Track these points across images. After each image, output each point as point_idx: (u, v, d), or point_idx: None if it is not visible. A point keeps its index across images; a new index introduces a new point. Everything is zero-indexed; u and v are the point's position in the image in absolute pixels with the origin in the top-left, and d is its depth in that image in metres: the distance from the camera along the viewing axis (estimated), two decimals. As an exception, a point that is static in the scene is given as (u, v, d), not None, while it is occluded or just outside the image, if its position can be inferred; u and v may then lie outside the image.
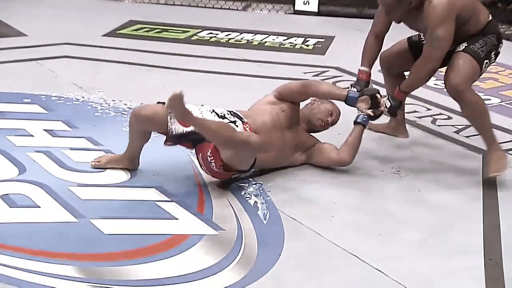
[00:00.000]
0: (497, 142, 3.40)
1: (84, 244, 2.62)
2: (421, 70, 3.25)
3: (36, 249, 2.56)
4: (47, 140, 3.56)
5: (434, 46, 3.16)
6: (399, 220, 2.96)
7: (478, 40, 3.30)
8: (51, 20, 6.14)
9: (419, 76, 3.28)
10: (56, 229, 2.72)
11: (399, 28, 3.43)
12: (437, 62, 3.23)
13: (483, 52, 3.30)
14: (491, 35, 3.34)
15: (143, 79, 4.74)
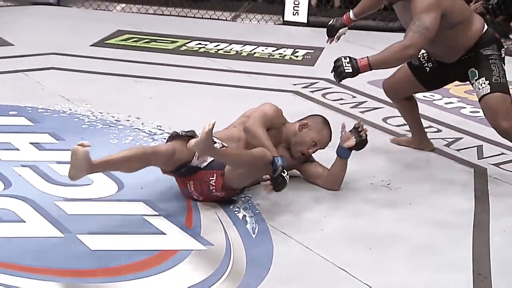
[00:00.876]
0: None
1: (71, 260, 2.60)
2: (398, 53, 3.16)
3: (22, 264, 2.54)
4: (33, 154, 3.55)
5: (420, 32, 3.13)
6: (389, 234, 2.96)
7: (490, 68, 3.33)
8: (38, 30, 6.13)
9: (393, 57, 3.20)
10: (42, 244, 2.70)
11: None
12: (418, 50, 3.22)
13: (505, 78, 3.35)
14: (491, 47, 3.37)
15: (131, 90, 4.73)
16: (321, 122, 3.33)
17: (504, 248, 2.90)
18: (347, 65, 3.17)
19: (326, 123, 3.34)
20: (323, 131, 3.30)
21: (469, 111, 4.60)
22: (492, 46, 3.39)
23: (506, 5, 7.07)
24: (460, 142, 4.03)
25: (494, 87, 3.33)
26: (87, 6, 7.25)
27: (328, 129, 3.32)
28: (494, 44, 3.41)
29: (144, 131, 3.96)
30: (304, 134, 3.27)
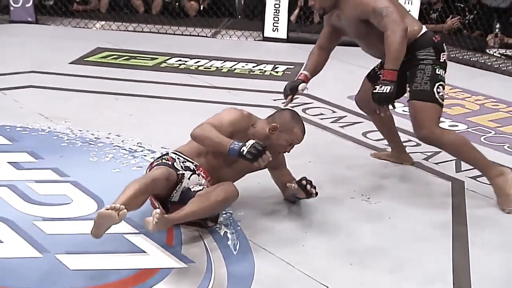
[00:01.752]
0: (494, 167, 3.42)
1: (49, 280, 2.58)
2: (395, 41, 3.13)
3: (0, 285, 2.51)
4: (11, 173, 3.52)
5: (387, 15, 3.14)
6: (370, 248, 2.97)
7: (415, 73, 3.31)
8: (17, 49, 6.11)
9: (396, 47, 3.13)
10: (20, 265, 2.68)
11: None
12: (402, 23, 3.16)
13: (428, 84, 3.30)
14: (426, 50, 3.34)
15: (111, 107, 4.72)
16: (290, 120, 3.17)
17: (483, 261, 2.92)
18: (382, 88, 3.16)
19: (295, 118, 3.20)
20: (294, 129, 3.16)
21: (447, 125, 4.64)
22: (427, 49, 3.35)
23: (481, 21, 7.17)
24: (438, 156, 4.06)
25: (412, 94, 3.34)
26: (66, 24, 7.23)
27: (299, 125, 3.18)
28: (430, 47, 3.36)
29: (125, 148, 3.95)
30: (276, 137, 3.14)
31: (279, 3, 6.95)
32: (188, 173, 3.02)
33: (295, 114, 3.22)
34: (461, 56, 6.64)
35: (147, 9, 7.70)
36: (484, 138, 4.43)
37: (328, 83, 5.42)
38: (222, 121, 3.06)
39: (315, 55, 3.57)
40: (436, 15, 7.45)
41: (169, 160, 3.04)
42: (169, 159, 3.05)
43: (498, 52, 6.77)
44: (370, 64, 3.77)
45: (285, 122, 3.16)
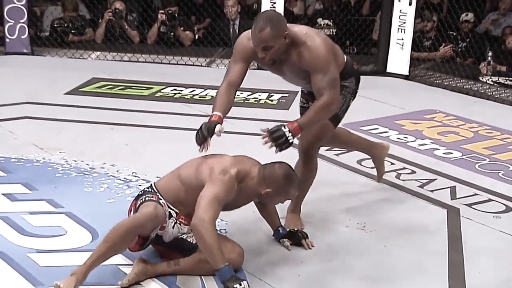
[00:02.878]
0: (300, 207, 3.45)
1: (43, 314, 2.56)
2: (324, 111, 3.05)
3: (-7, 320, 2.50)
4: (5, 205, 3.51)
5: (334, 87, 3.05)
6: (365, 278, 2.96)
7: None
8: (12, 80, 6.11)
9: (320, 116, 3.07)
10: (14, 298, 2.66)
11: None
12: (338, 104, 3.15)
13: (342, 111, 3.34)
14: (349, 80, 3.33)
15: (106, 137, 4.72)
16: (284, 183, 2.94)
17: (479, 285, 2.90)
18: (288, 134, 2.95)
19: (289, 178, 2.96)
20: (290, 192, 2.99)
21: (442, 153, 4.65)
22: (350, 79, 3.34)
23: (474, 49, 7.23)
24: (433, 183, 4.07)
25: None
26: (62, 55, 7.25)
27: (293, 185, 2.98)
28: (353, 77, 3.36)
29: (119, 178, 3.94)
30: (270, 199, 3.02)
31: (273, 32, 7.01)
32: (171, 221, 2.91)
33: (288, 173, 2.96)
34: (454, 83, 6.67)
35: (143, 39, 7.73)
36: (479, 166, 4.43)
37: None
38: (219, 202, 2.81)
39: (226, 94, 3.13)
40: (429, 43, 7.51)
41: (154, 197, 2.91)
42: (154, 197, 2.91)
43: (491, 80, 6.81)
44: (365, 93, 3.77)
45: (278, 185, 2.93)
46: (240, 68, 3.18)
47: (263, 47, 3.00)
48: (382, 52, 6.92)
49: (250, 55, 3.14)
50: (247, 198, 3.03)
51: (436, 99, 6.10)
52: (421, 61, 7.25)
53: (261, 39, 2.97)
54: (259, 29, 2.96)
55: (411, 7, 6.69)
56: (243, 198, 2.99)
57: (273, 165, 2.97)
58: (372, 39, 7.76)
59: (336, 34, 7.70)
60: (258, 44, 3.00)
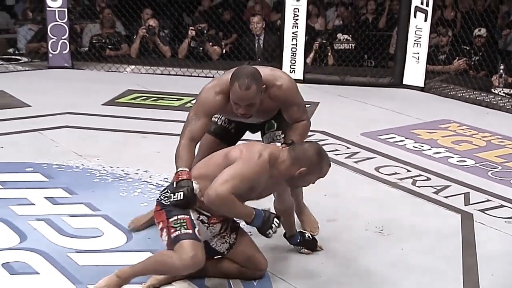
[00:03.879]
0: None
1: (81, 310, 2.58)
2: (306, 134, 3.09)
3: (35, 315, 2.52)
4: (47, 208, 3.54)
5: (306, 111, 3.09)
6: (383, 280, 2.93)
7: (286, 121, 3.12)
8: (54, 92, 6.18)
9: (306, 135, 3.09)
10: (55, 295, 2.68)
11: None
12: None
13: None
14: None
15: (140, 145, 4.74)
16: (318, 161, 2.76)
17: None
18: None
19: (321, 155, 2.79)
20: (323, 169, 2.81)
21: (456, 160, 4.60)
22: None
23: (486, 62, 7.16)
24: (448, 190, 4.02)
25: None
26: (99, 69, 7.32)
27: (326, 163, 2.80)
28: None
29: (152, 183, 3.96)
30: (304, 179, 2.78)
31: (295, 46, 6.99)
32: (204, 226, 2.76)
33: (320, 150, 2.81)
34: (467, 95, 6.61)
35: (174, 53, 7.78)
36: (491, 173, 4.38)
37: (342, 121, 5.42)
38: (242, 179, 2.64)
39: (189, 150, 2.87)
40: (444, 57, 7.46)
41: (187, 223, 2.68)
42: (189, 227, 2.67)
43: (502, 92, 6.73)
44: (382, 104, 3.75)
45: (312, 163, 2.75)
46: (203, 123, 2.89)
47: (248, 104, 2.81)
48: (399, 66, 6.88)
49: (217, 110, 2.95)
50: (275, 184, 2.82)
51: (450, 110, 6.04)
52: (436, 73, 7.20)
53: (248, 97, 2.78)
54: (245, 87, 2.76)
55: (426, 23, 6.65)
56: (271, 184, 2.79)
57: (303, 145, 2.82)
58: (389, 53, 7.73)
59: (355, 48, 7.68)
60: (243, 102, 2.80)
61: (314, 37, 7.71)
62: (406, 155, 4.62)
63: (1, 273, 2.84)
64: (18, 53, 7.83)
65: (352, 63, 7.42)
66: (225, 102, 2.89)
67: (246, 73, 2.83)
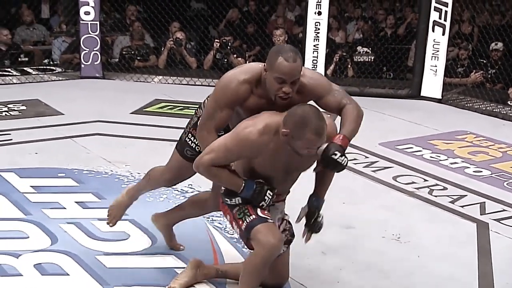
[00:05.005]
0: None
1: (108, 310, 2.59)
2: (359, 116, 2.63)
3: (64, 315, 2.53)
4: (77, 212, 3.57)
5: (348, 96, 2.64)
6: (399, 286, 2.89)
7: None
8: (85, 101, 6.23)
9: (359, 122, 2.64)
10: (83, 296, 2.70)
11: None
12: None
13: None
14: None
15: (166, 153, 4.70)
16: (300, 125, 2.35)
17: (508, 299, 2.82)
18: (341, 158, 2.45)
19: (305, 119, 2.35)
20: (306, 135, 2.35)
21: (472, 171, 4.54)
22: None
23: (503, 75, 7.08)
24: (464, 199, 3.98)
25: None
26: (129, 79, 7.37)
27: (310, 129, 2.34)
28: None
29: (177, 189, 3.96)
30: (291, 143, 2.40)
31: (316, 59, 6.98)
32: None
33: (305, 114, 2.37)
34: (484, 107, 6.53)
35: (199, 65, 7.81)
36: (507, 183, 4.32)
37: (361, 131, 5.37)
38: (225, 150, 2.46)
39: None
40: (462, 69, 7.39)
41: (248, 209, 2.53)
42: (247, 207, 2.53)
43: (519, 104, 6.65)
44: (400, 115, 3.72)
45: (294, 126, 2.37)
46: (226, 115, 2.58)
47: (294, 81, 2.46)
48: (417, 78, 6.82)
49: (240, 102, 2.57)
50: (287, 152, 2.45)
51: (467, 121, 5.97)
52: (453, 86, 7.12)
53: (296, 70, 2.45)
54: (293, 60, 2.43)
55: (444, 36, 6.60)
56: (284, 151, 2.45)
57: (298, 106, 2.44)
58: (407, 65, 7.67)
59: (374, 61, 7.64)
60: (291, 77, 2.45)
61: (335, 49, 7.69)
62: (423, 165, 4.57)
63: (33, 273, 2.87)
64: (52, 64, 7.90)
65: (371, 75, 7.38)
66: (249, 93, 2.55)
67: (289, 47, 2.50)
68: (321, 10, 6.82)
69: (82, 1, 7.08)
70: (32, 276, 2.85)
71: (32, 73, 7.37)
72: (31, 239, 3.21)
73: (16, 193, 3.76)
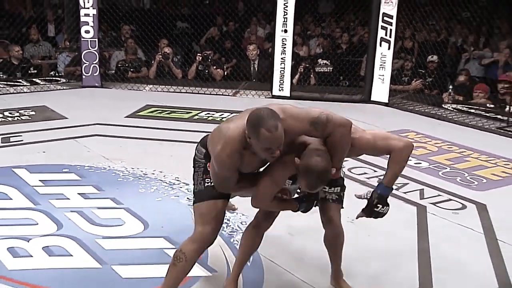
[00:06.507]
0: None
1: (106, 285, 2.58)
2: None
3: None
4: (80, 202, 3.54)
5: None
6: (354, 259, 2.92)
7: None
8: (86, 107, 6.17)
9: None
10: (85, 273, 2.68)
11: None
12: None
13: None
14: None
15: (156, 150, 4.73)
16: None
17: (441, 270, 2.87)
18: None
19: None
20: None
21: (413, 163, 4.58)
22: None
23: (438, 83, 7.20)
24: (406, 187, 4.02)
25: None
26: (123, 88, 7.30)
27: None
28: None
29: (166, 182, 3.95)
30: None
31: (284, 69, 7.00)
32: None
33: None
34: (423, 109, 6.62)
35: (184, 75, 7.77)
36: (441, 173, 4.39)
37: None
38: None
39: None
40: (406, 78, 7.49)
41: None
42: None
43: (451, 107, 6.75)
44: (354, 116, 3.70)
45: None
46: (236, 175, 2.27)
47: (280, 145, 2.13)
48: (368, 85, 6.88)
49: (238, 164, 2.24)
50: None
51: (409, 122, 6.04)
52: (398, 92, 7.21)
53: (280, 137, 2.11)
54: (275, 128, 2.08)
55: (390, 50, 6.67)
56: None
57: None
58: (360, 75, 7.74)
59: (333, 71, 7.69)
60: (278, 144, 2.12)
61: (299, 61, 7.72)
62: (373, 158, 4.58)
63: (42, 255, 2.84)
64: (58, 75, 7.81)
65: (330, 83, 7.43)
66: (240, 157, 2.21)
67: (266, 114, 2.10)
68: (287, 29, 6.84)
69: (83, 21, 7.01)
70: (41, 257, 2.83)
71: (40, 84, 7.27)
72: (40, 225, 3.18)
73: (27, 186, 3.72)
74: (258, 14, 9.15)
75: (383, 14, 6.60)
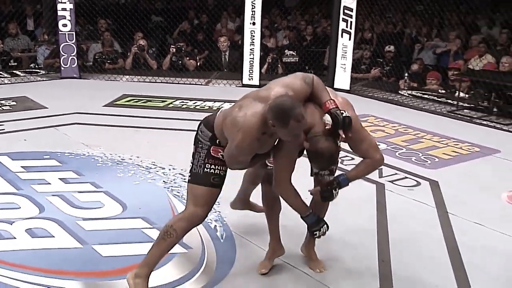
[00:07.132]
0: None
1: (88, 264, 2.55)
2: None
3: (51, 268, 2.49)
4: (61, 186, 3.48)
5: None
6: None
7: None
8: (65, 96, 6.04)
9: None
10: (66, 253, 2.65)
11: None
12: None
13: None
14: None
15: (133, 137, 4.68)
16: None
17: (398, 241, 2.93)
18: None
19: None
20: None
21: (372, 144, 4.66)
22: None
23: (395, 71, 7.29)
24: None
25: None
26: (101, 79, 7.17)
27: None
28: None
29: (142, 166, 3.91)
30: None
31: (253, 60, 6.98)
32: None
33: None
34: (381, 95, 6.70)
35: (159, 66, 7.68)
36: (398, 153, 4.46)
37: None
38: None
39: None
40: (366, 66, 7.55)
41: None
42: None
43: (407, 93, 6.85)
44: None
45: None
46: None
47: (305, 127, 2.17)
48: (331, 74, 6.93)
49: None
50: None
51: (369, 107, 6.11)
52: (358, 79, 7.28)
53: (306, 122, 2.15)
54: (302, 117, 2.08)
55: (350, 41, 6.71)
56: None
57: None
58: (323, 64, 7.78)
59: (298, 61, 7.71)
60: (303, 129, 2.17)
61: (267, 52, 7.71)
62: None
63: (25, 236, 2.79)
64: (37, 67, 7.62)
65: (296, 72, 7.44)
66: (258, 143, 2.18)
67: (290, 102, 2.09)
68: (256, 21, 6.81)
69: (60, 15, 6.84)
70: (24, 238, 2.78)
71: (20, 75, 7.09)
72: (23, 209, 3.12)
73: (9, 173, 3.64)
74: (228, 8, 9.07)
75: (344, 7, 6.63)
